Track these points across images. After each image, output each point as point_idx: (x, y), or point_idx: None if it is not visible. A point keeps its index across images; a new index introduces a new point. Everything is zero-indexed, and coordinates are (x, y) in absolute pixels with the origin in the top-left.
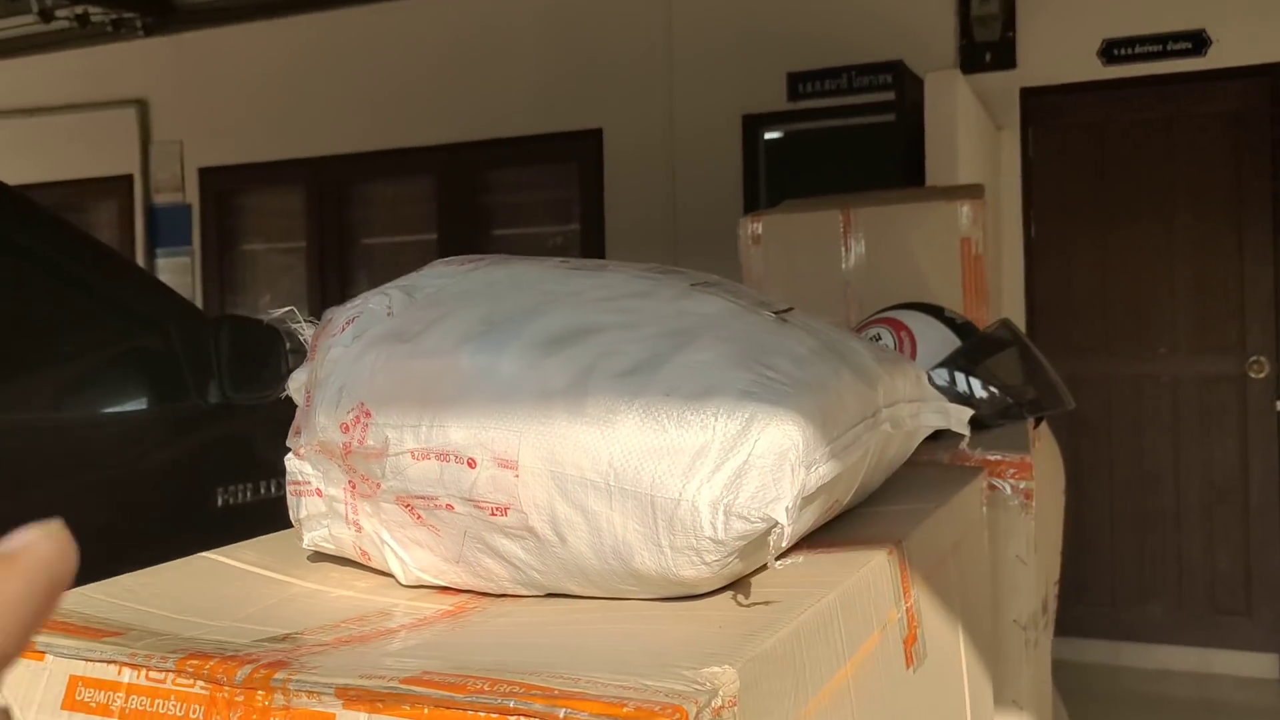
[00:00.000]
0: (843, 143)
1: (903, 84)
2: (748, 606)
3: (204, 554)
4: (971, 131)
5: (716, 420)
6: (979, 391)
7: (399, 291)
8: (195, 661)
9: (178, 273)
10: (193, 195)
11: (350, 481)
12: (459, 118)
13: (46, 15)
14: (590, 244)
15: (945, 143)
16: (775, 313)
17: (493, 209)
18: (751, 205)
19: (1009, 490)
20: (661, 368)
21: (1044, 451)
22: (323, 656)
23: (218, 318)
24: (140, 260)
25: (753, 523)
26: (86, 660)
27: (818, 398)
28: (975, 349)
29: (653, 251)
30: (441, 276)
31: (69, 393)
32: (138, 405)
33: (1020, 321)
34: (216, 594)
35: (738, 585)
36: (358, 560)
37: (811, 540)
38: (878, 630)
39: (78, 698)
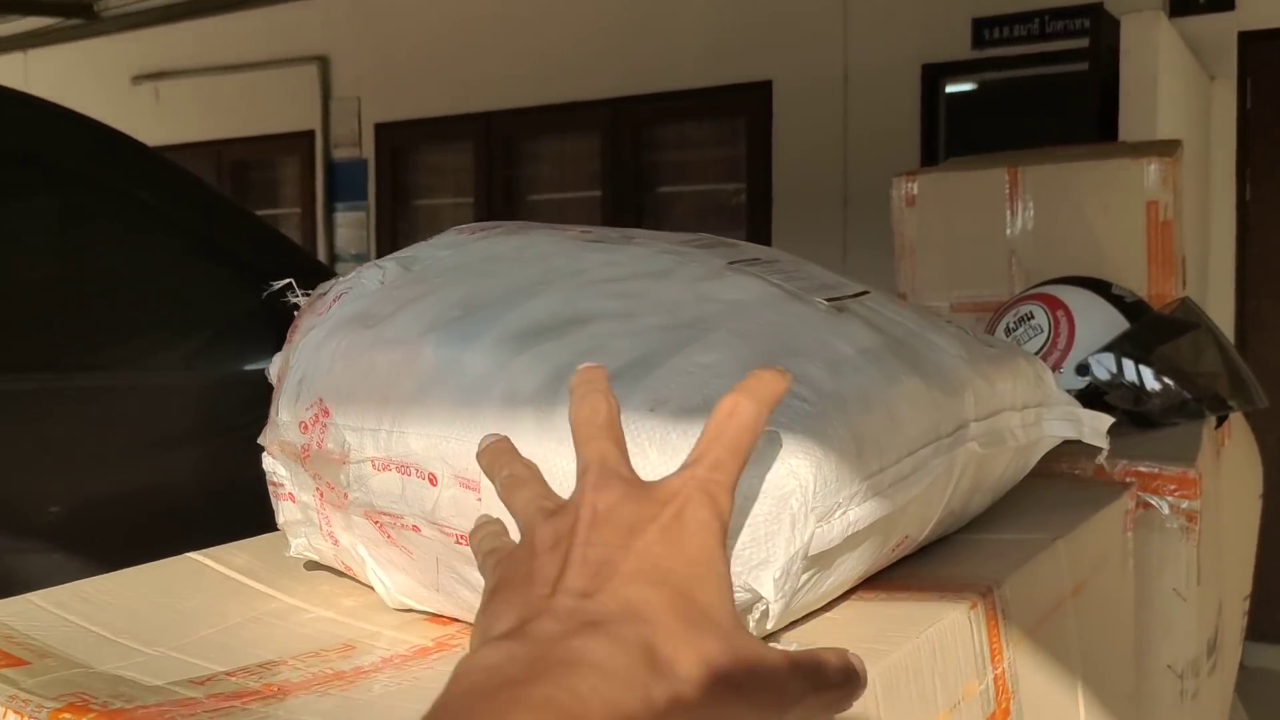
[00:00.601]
0: (1033, 95)
1: (1099, 28)
2: None
3: (191, 555)
4: (1176, 82)
5: None
6: (1150, 383)
7: (395, 264)
8: (69, 715)
9: (354, 227)
10: (369, 150)
11: (318, 489)
12: (626, 70)
13: None
14: (756, 203)
15: (1144, 95)
16: (833, 299)
17: (658, 166)
18: (930, 164)
19: (1166, 510)
20: (653, 371)
21: (1232, 456)
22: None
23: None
24: (319, 214)
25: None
26: None
27: (854, 417)
28: (1147, 332)
29: (820, 212)
30: (447, 246)
31: (202, 352)
32: (268, 364)
33: (1228, 299)
34: (179, 608)
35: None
36: (344, 573)
37: (872, 582)
38: (944, 713)
39: None
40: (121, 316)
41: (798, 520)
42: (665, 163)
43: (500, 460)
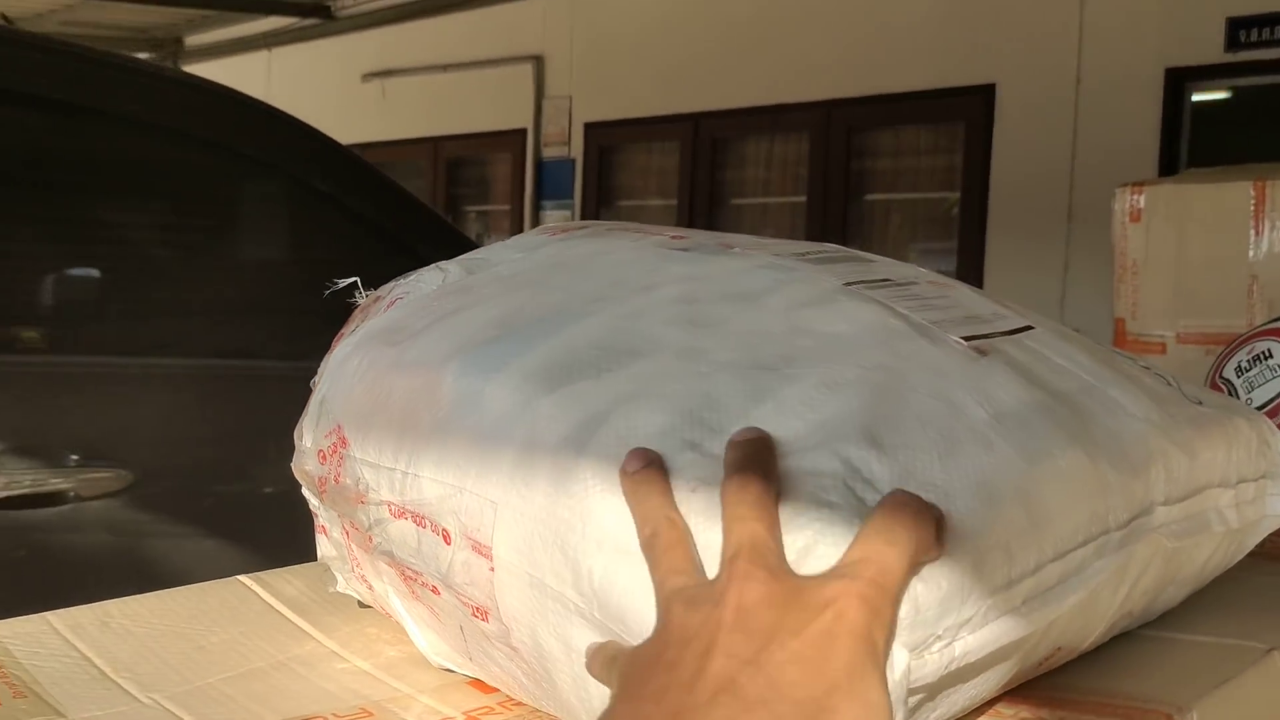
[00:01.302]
0: None
1: None
2: None
3: (243, 578)
4: None
5: None
6: None
7: (459, 267)
8: None
9: None
10: (577, 149)
11: (344, 526)
12: (839, 71)
13: None
14: (971, 213)
15: None
16: (976, 337)
17: (868, 172)
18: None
19: None
20: (707, 436)
21: None
22: None
23: None
24: (527, 211)
25: None
26: None
27: (969, 517)
28: None
29: (1042, 225)
30: (520, 249)
31: None
32: None
33: None
34: (200, 643)
35: None
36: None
37: (1020, 692)
38: None
39: None
40: (291, 303)
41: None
42: (876, 169)
43: (650, 506)
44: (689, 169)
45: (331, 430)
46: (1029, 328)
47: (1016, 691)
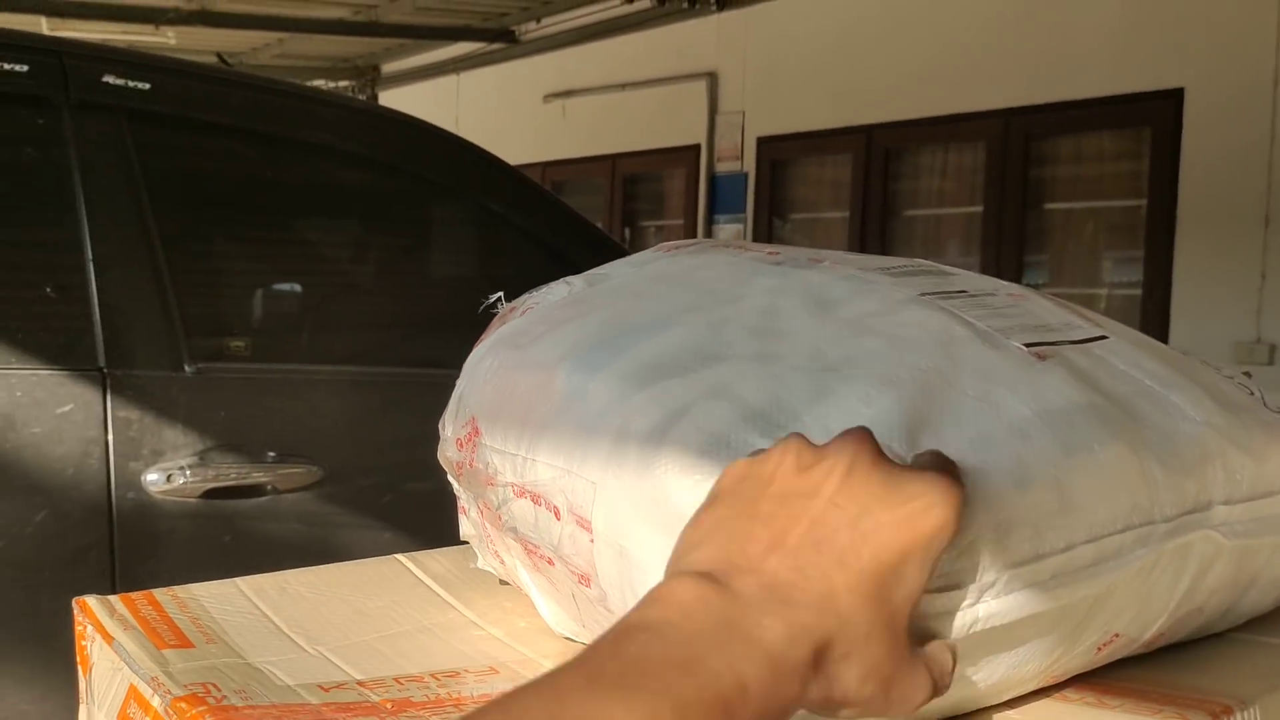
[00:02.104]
0: None
1: None
2: None
3: (399, 556)
4: None
5: None
6: None
7: (583, 281)
8: (184, 704)
9: (732, 238)
10: (749, 164)
11: (480, 506)
12: (1017, 79)
13: None
14: (1158, 224)
15: None
16: (1038, 344)
17: (1047, 180)
18: None
19: None
20: (774, 427)
21: None
22: None
23: None
24: (700, 225)
25: None
26: (135, 673)
27: (999, 495)
28: None
29: (1235, 234)
30: (635, 264)
31: None
32: None
33: None
34: (360, 607)
35: None
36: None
37: (1086, 680)
38: None
39: (128, 712)
40: (461, 316)
41: None
42: (1056, 177)
43: None
44: (861, 181)
45: (467, 421)
46: (1102, 338)
47: (1085, 679)
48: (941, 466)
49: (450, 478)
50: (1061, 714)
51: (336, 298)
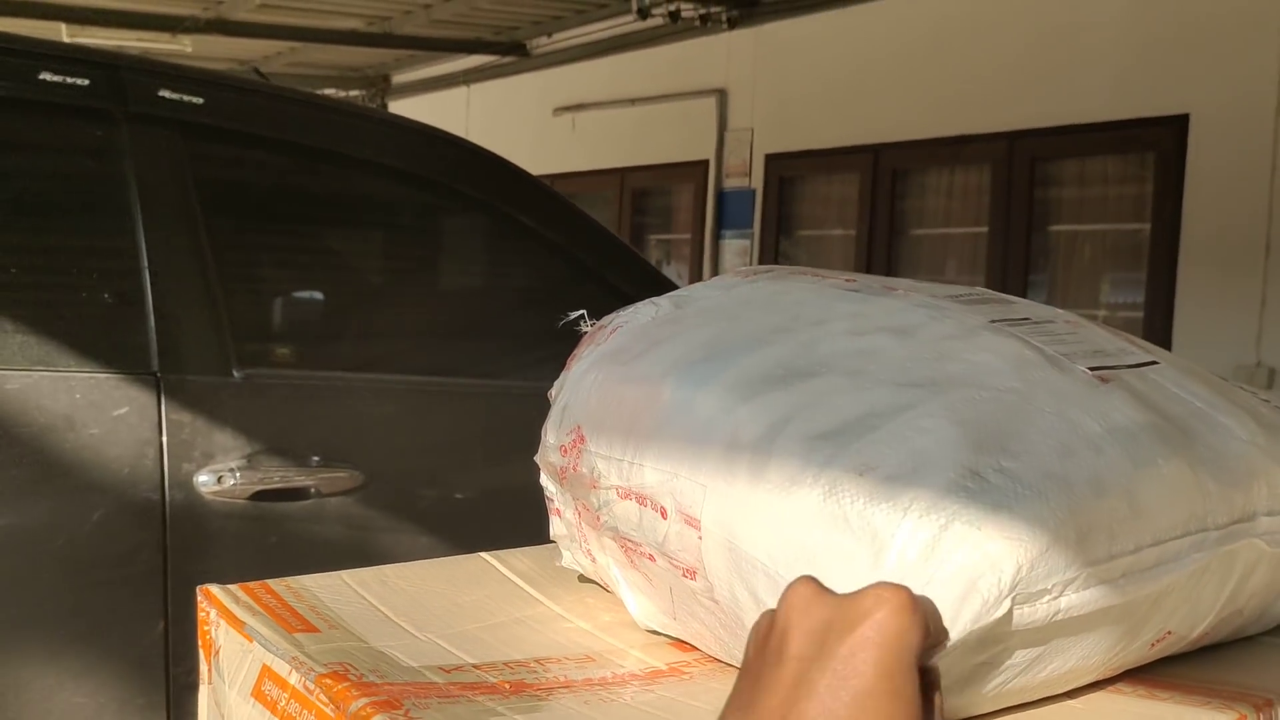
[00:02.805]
0: None
1: None
2: None
3: (483, 554)
4: None
5: (905, 519)
6: None
7: (670, 301)
8: (329, 681)
9: (737, 255)
10: (757, 180)
11: (577, 508)
12: (1023, 102)
13: (644, 13)
14: (1160, 248)
15: None
16: (1100, 368)
17: (1052, 202)
18: None
19: None
20: (869, 434)
21: None
22: (454, 706)
23: None
24: (707, 241)
25: None
26: (271, 654)
27: (1079, 501)
28: None
29: (1237, 259)
30: (718, 287)
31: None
32: None
33: None
34: (457, 600)
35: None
36: (607, 589)
37: (1136, 675)
38: None
39: (263, 689)
40: (496, 327)
41: (988, 604)
42: (1060, 199)
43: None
44: (868, 199)
45: (572, 430)
46: (1153, 363)
47: (1135, 674)
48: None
49: (545, 481)
50: (1118, 704)
51: (378, 307)
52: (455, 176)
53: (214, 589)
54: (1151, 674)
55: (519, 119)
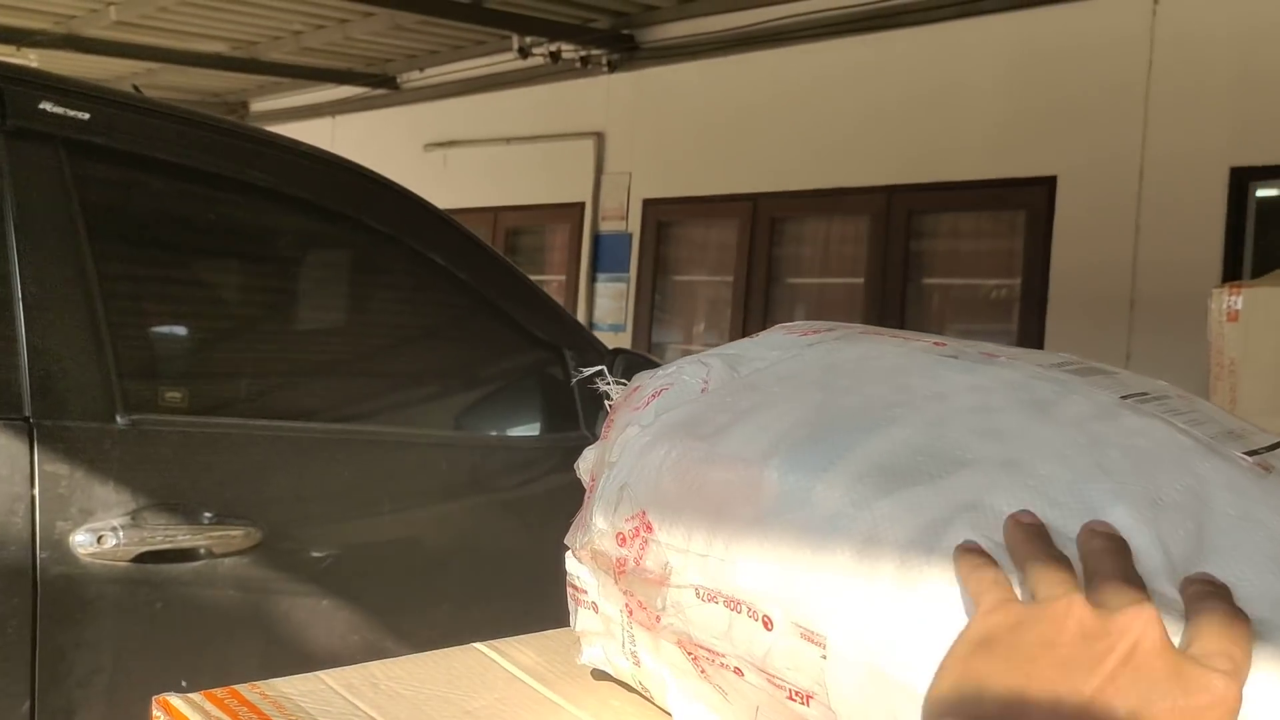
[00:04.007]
0: None
1: None
2: None
3: (477, 645)
4: None
5: None
6: None
7: (721, 362)
8: None
9: (613, 298)
10: (634, 224)
11: (627, 605)
12: (901, 158)
13: (524, 52)
14: (1030, 301)
15: None
16: (1250, 453)
17: (926, 255)
18: (1232, 274)
19: None
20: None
21: None
22: None
23: (613, 350)
24: (582, 283)
25: None
26: None
27: None
28: None
29: (1103, 315)
30: (776, 348)
31: (472, 413)
32: (531, 430)
33: None
34: (466, 707)
35: None
36: (640, 694)
37: None
38: None
39: None
40: (403, 370)
41: None
42: (935, 252)
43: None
44: (746, 247)
45: (634, 515)
46: (1278, 444)
47: None
48: (1222, 641)
49: (577, 569)
50: None
51: (280, 348)
52: (363, 209)
53: (173, 699)
54: None
55: (388, 153)
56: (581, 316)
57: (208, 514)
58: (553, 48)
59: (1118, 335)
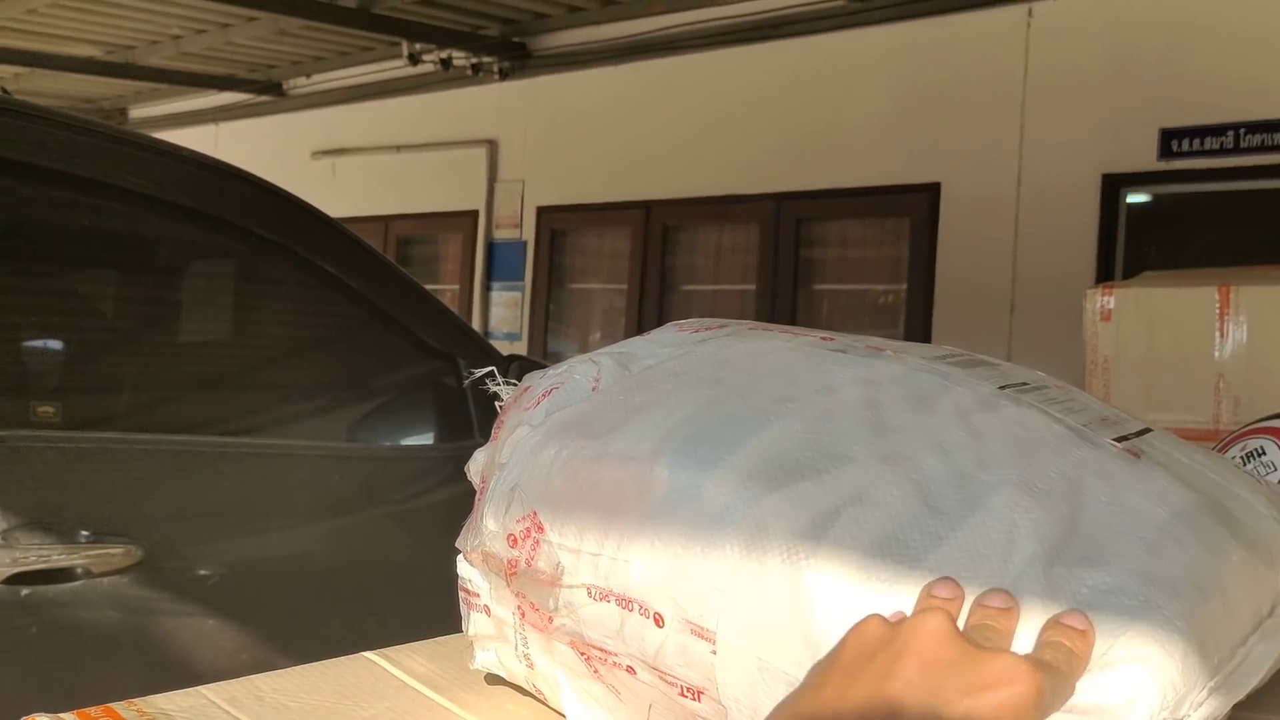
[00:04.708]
0: (1223, 210)
1: None
2: None
3: (368, 655)
4: None
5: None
6: None
7: (611, 360)
8: None
9: (508, 306)
10: (529, 233)
11: (519, 607)
12: (789, 166)
13: (414, 59)
14: (916, 305)
15: None
16: (1120, 439)
17: (816, 262)
18: (1105, 276)
19: None
20: (938, 545)
21: None
22: None
23: (508, 358)
24: (476, 292)
25: None
26: None
27: (1191, 605)
28: None
29: (985, 318)
30: (667, 345)
31: (363, 423)
32: (425, 440)
33: None
34: (352, 715)
35: None
36: (534, 696)
37: None
38: None
39: None
40: (291, 381)
41: None
42: (823, 259)
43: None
44: (640, 254)
45: (525, 516)
46: (1148, 430)
47: None
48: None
49: (469, 571)
50: None
51: (159, 359)
52: (248, 215)
53: (41, 719)
54: None
55: (274, 162)
56: (476, 325)
57: (85, 532)
58: (443, 55)
59: (999, 337)
